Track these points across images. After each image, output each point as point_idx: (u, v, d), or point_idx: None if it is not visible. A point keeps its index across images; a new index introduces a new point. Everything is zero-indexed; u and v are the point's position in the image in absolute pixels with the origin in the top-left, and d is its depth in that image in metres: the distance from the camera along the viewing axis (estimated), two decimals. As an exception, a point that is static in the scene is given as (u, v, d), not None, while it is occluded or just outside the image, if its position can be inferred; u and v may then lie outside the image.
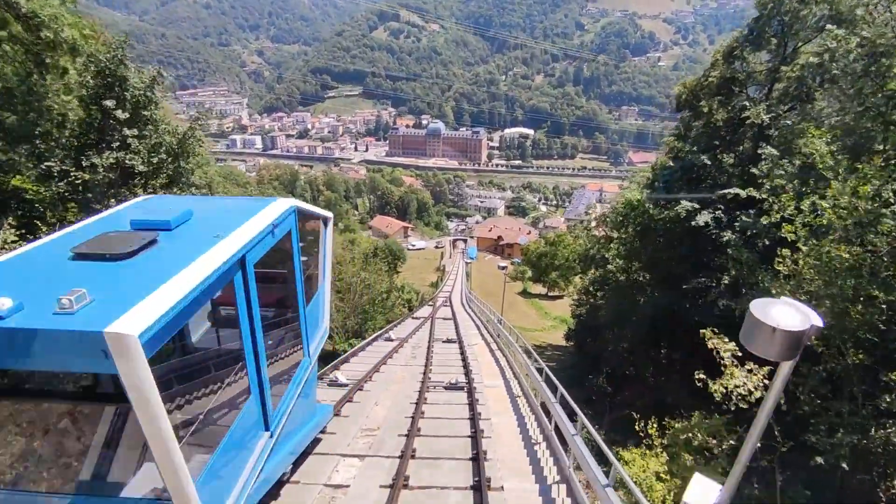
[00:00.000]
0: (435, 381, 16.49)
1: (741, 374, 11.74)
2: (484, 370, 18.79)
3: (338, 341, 26.11)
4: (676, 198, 20.13)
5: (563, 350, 41.71)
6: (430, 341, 23.87)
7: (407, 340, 24.87)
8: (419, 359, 20.54)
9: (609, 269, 27.14)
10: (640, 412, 24.81)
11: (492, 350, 23.69)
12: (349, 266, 30.17)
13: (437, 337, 26.01)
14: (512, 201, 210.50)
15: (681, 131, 23.78)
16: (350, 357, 20.21)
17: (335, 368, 17.20)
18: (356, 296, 29.24)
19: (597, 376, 28.25)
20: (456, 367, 18.99)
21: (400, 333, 27.12)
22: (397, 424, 11.92)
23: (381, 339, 25.25)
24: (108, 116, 14.24)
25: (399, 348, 22.75)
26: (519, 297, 72.77)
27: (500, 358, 21.67)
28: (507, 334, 22.18)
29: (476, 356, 21.36)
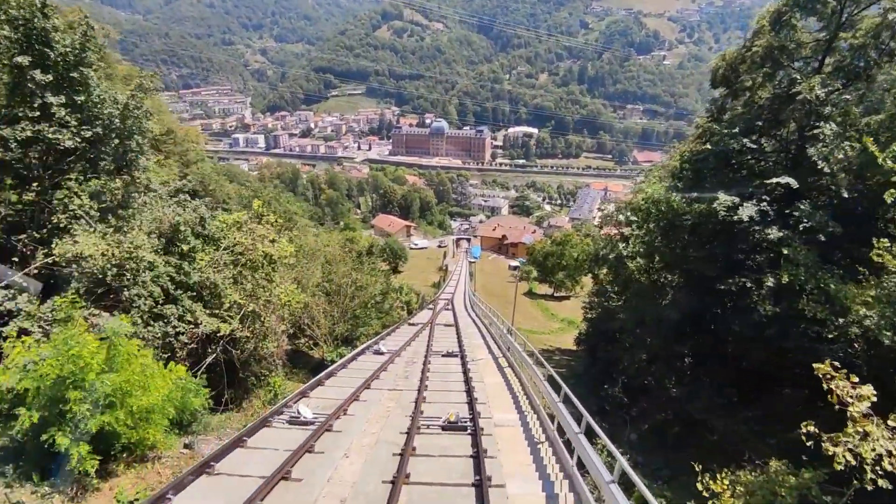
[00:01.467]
0: (429, 414, 12.77)
1: (881, 433, 8.04)
2: (492, 398, 15.07)
3: (326, 350, 23.21)
4: (700, 197, 17.49)
5: (572, 354, 39.20)
6: (427, 355, 20.34)
7: (399, 354, 21.24)
8: (412, 379, 17.01)
9: (628, 268, 24.24)
10: (664, 427, 22.69)
11: (500, 367, 19.95)
12: (339, 265, 26.83)
13: (436, 349, 22.27)
14: (516, 200, 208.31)
15: (713, 113, 20.81)
16: (325, 379, 16.19)
17: (303, 396, 13.89)
18: (346, 299, 25.61)
19: (612, 385, 25.67)
20: (457, 392, 15.51)
21: (392, 344, 23.57)
22: (370, 498, 8.57)
23: (370, 352, 21.54)
24: (25, 78, 11.71)
25: (389, 364, 19.17)
26: (525, 297, 70.26)
27: (512, 378, 17.99)
28: (519, 350, 18.62)
29: (482, 376, 17.93)
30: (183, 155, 63.06)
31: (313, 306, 22.73)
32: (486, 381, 17.09)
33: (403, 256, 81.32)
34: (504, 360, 20.92)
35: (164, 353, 12.53)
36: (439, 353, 21.60)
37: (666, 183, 22.06)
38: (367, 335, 27.29)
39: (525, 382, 16.58)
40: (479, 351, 23.38)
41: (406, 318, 37.62)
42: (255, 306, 14.74)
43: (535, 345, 42.16)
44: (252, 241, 15.00)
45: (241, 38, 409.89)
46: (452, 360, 20.71)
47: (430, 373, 17.75)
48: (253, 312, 14.79)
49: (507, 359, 20.92)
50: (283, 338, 18.00)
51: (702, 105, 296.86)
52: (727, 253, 18.04)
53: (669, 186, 20.97)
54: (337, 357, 21.42)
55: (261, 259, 15.16)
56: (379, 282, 31.19)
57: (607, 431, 9.50)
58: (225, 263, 14.55)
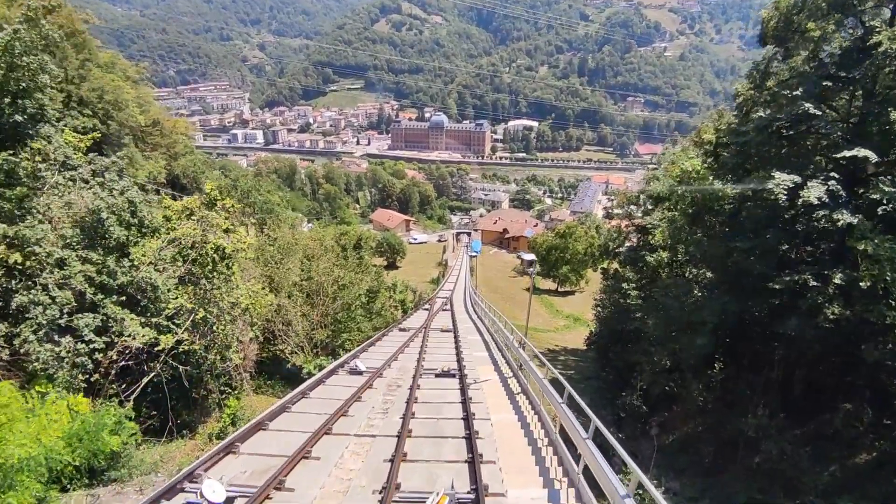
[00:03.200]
0: (411, 488, 8.61)
1: None
2: (505, 452, 10.54)
3: (305, 361, 19.55)
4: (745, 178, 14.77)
5: (580, 355, 36.70)
6: (417, 375, 15.96)
7: (382, 373, 16.63)
8: (392, 417, 12.52)
9: (647, 263, 21.53)
10: (697, 444, 20.15)
11: (511, 394, 15.19)
12: (319, 261, 22.79)
13: (429, 366, 17.78)
14: (516, 194, 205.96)
15: (755, 78, 17.50)
16: (269, 420, 11.54)
17: (229, 451, 9.68)
18: (326, 300, 21.75)
19: (629, 392, 23.11)
20: (453, 439, 11.07)
21: (375, 359, 18.90)
22: None
23: (345, 370, 17.13)
24: None
25: (365, 390, 14.60)
26: (527, 293, 67.67)
27: (529, 415, 13.15)
28: (540, 378, 13.50)
29: (488, 409, 13.38)
30: (170, 147, 60.72)
31: (289, 309, 19.54)
32: (493, 420, 12.48)
33: (401, 251, 78.80)
34: (515, 383, 16.49)
35: (78, 377, 10.02)
36: (432, 372, 17.06)
37: (697, 161, 19.22)
38: (355, 341, 23.38)
39: (548, 424, 11.83)
40: (483, 368, 18.69)
41: (398, 320, 33.56)
42: (206, 312, 12.09)
43: (540, 344, 39.70)
44: (203, 232, 12.41)
45: (239, 33, 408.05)
46: (448, 382, 16.16)
47: (417, 404, 13.49)
48: (205, 319, 12.18)
49: (519, 381, 16.40)
50: (252, 347, 15.57)
51: (703, 97, 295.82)
52: (779, 244, 15.27)
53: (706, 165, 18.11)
54: (315, 369, 18.19)
55: (211, 253, 12.46)
56: (365, 280, 27.05)
57: (624, 444, 7.77)
58: (171, 259, 11.98)
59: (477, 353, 21.42)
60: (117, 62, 57.99)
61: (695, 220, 18.32)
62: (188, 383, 12.00)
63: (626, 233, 33.47)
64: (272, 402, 14.27)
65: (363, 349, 20.08)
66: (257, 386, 17.83)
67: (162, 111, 68.45)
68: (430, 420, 12.31)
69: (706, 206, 17.45)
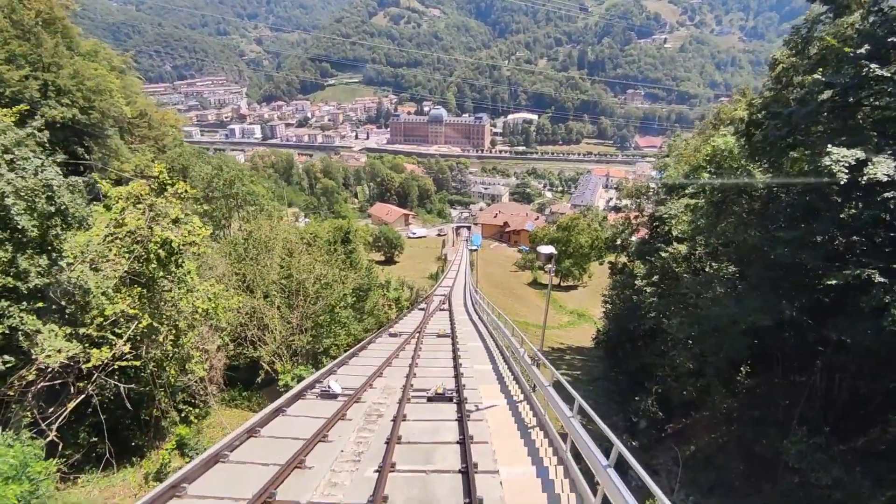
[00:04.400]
0: None
1: None
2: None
3: (282, 370, 16.68)
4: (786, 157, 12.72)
5: (587, 353, 34.83)
6: (404, 399, 12.77)
7: (360, 397, 13.14)
8: (365, 468, 9.25)
9: (663, 255, 19.59)
10: (719, 454, 18.38)
11: (524, 427, 12.05)
12: (301, 257, 19.77)
13: (420, 385, 14.24)
14: (516, 188, 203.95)
15: (797, 44, 14.96)
16: (186, 482, 7.93)
17: None
18: (307, 301, 18.75)
19: (644, 397, 21.25)
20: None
21: (354, 375, 15.44)
22: None
23: (314, 394, 13.46)
24: None
25: (335, 423, 11.26)
26: (529, 288, 65.95)
27: (552, 466, 9.96)
28: (566, 415, 9.54)
29: (495, 454, 10.00)
30: (158, 140, 58.81)
31: (265, 312, 17.11)
32: (503, 476, 9.04)
33: (399, 246, 76.89)
34: (528, 410, 13.14)
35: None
36: (423, 394, 13.51)
37: (731, 139, 17.06)
38: (342, 346, 20.57)
39: (583, 488, 8.49)
40: (487, 387, 15.18)
41: (391, 321, 30.62)
42: (154, 319, 10.11)
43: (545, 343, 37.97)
44: (149, 222, 10.45)
45: (236, 27, 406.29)
46: (443, 409, 12.51)
47: (401, 445, 10.16)
48: (151, 328, 10.22)
49: (533, 408, 13.02)
50: (219, 356, 13.68)
51: (704, 88, 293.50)
52: (830, 233, 13.09)
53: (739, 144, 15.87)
54: (293, 380, 15.70)
55: (155, 249, 10.34)
56: (352, 277, 23.51)
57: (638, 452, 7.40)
58: (112, 256, 10.04)
59: (479, 366, 17.94)
60: (100, 51, 56.20)
61: (720, 208, 16.33)
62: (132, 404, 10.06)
63: (634, 225, 31.67)
64: (246, 418, 12.47)
65: (343, 361, 16.84)
66: (230, 398, 15.91)
67: (150, 102, 66.57)
68: (417, 475, 8.91)
69: (737, 191, 15.52)
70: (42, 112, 39.59)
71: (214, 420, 12.77)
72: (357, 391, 13.23)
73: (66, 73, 42.07)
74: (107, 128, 45.90)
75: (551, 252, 12.68)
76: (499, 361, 19.01)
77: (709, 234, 16.57)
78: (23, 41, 41.01)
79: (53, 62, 42.29)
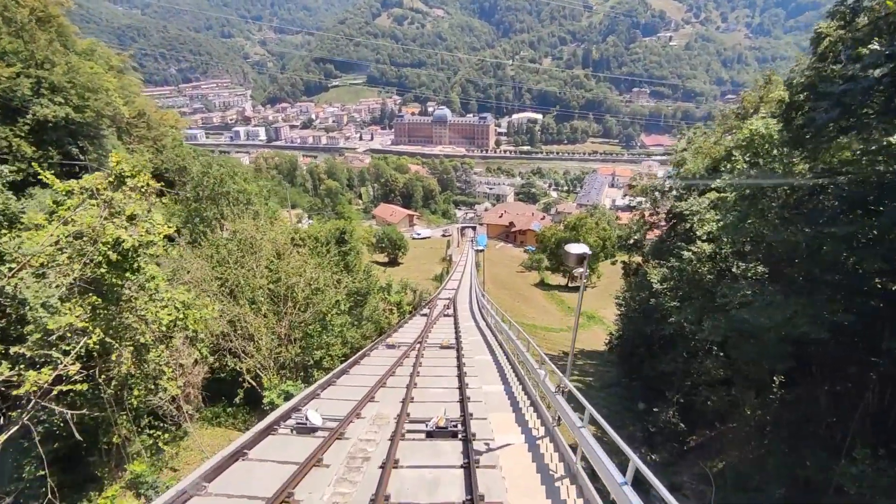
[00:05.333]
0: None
1: None
2: None
3: (268, 385, 14.47)
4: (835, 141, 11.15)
5: (599, 358, 33.36)
6: (398, 434, 10.43)
7: (343, 431, 10.79)
8: None
9: (684, 255, 18.09)
10: (751, 471, 16.85)
11: (548, 479, 9.36)
12: (289, 259, 17.58)
13: (418, 416, 11.57)
14: (521, 188, 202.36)
15: (844, 14, 13.17)
16: None
17: None
18: (295, 308, 16.77)
19: (663, 406, 19.78)
20: None
21: (340, 400, 12.80)
22: None
23: (289, 426, 10.90)
24: None
25: (308, 471, 9.14)
26: (536, 289, 64.49)
27: None
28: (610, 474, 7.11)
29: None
30: (157, 140, 57.63)
31: (250, 320, 15.21)
32: None
33: (403, 247, 75.39)
34: (552, 451, 10.57)
35: None
36: (423, 426, 10.95)
37: (771, 121, 15.39)
38: (336, 357, 18.24)
39: None
40: (499, 417, 12.30)
41: (392, 326, 28.18)
42: (106, 333, 8.72)
43: (554, 346, 36.48)
44: (102, 220, 9.02)
45: (241, 30, 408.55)
46: (445, 449, 10.20)
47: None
48: (104, 343, 8.82)
49: (559, 449, 10.46)
50: (197, 370, 12.32)
51: (710, 86, 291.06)
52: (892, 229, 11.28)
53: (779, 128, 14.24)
54: (279, 398, 13.64)
55: (104, 250, 8.67)
56: (346, 280, 21.05)
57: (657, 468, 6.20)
58: (64, 259, 8.62)
59: (488, 387, 15.14)
60: (97, 49, 55.16)
61: (753, 202, 14.76)
62: (90, 430, 8.75)
63: (649, 223, 30.21)
64: (230, 438, 11.14)
65: (329, 381, 14.27)
66: (213, 416, 14.47)
67: (149, 103, 65.58)
68: None
69: (774, 182, 14.04)
70: (34, 111, 38.75)
71: (195, 441, 11.47)
72: (341, 423, 10.73)
73: (59, 70, 41.04)
74: (102, 127, 44.87)
75: (584, 252, 9.81)
76: (511, 380, 16.14)
77: (737, 231, 15.06)
78: (15, 38, 40.19)
79: (47, 59, 41.31)
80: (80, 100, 41.13)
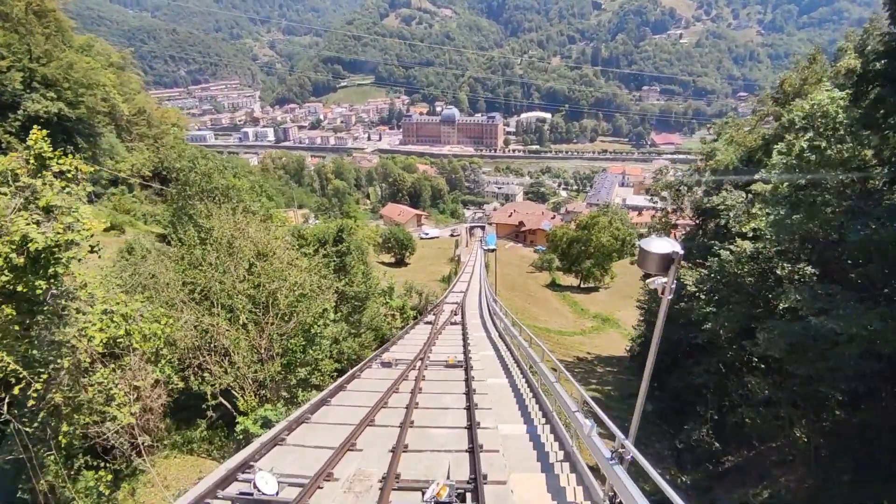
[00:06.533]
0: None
1: None
2: None
3: (244, 407, 12.44)
4: None
5: (616, 364, 31.38)
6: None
7: (311, 493, 7.33)
8: None
9: (722, 255, 16.00)
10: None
11: None
12: (272, 260, 14.96)
13: (413, 474, 8.28)
14: (530, 187, 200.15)
15: None
16: None
17: None
18: (280, 318, 14.19)
19: (696, 424, 17.83)
20: None
21: (308, 448, 9.47)
22: None
23: (229, 497, 7.10)
24: None
25: None
26: (548, 290, 62.43)
27: None
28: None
29: None
30: (158, 138, 56.33)
31: (223, 331, 12.77)
32: None
33: (411, 247, 73.48)
34: None
35: None
36: (418, 496, 7.60)
37: (837, 94, 13.19)
38: (327, 374, 15.34)
39: None
40: (526, 485, 8.80)
41: (395, 336, 24.71)
42: (9, 355, 6.94)
43: (569, 351, 34.53)
44: (13, 213, 7.13)
45: (249, 31, 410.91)
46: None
47: None
48: (13, 369, 7.03)
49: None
50: (157, 392, 10.49)
51: (722, 84, 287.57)
52: None
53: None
54: (258, 425, 11.28)
55: (8, 252, 6.75)
56: (336, 285, 18.55)
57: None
58: None
59: (508, 429, 11.53)
60: (95, 44, 53.96)
61: (808, 195, 12.70)
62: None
63: (673, 220, 28.20)
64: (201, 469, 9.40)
65: (302, 417, 10.68)
66: (185, 441, 12.60)
67: (150, 100, 64.29)
68: None
69: (842, 170, 12.01)
70: (25, 106, 37.41)
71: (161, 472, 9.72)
72: (303, 492, 7.11)
73: (54, 64, 39.74)
74: (97, 124, 43.59)
75: (675, 252, 6.13)
76: (534, 416, 12.65)
77: (793, 228, 12.89)
78: (10, 32, 38.92)
79: (45, 53, 39.93)
80: (73, 95, 39.90)
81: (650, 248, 6.30)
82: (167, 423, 12.27)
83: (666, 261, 6.26)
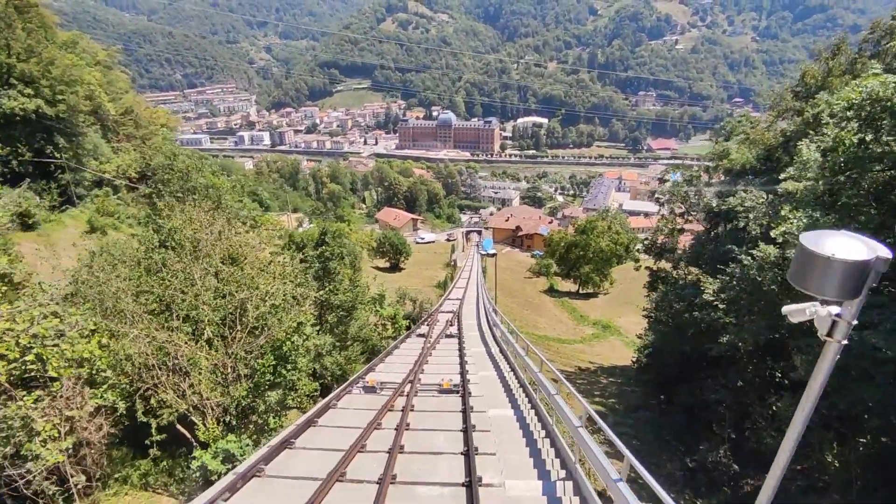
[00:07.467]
0: None
1: None
2: None
3: (204, 436, 10.88)
4: None
5: (619, 374, 29.94)
6: None
7: None
8: None
9: (745, 263, 14.49)
10: None
11: None
12: (243, 267, 13.28)
13: None
14: (527, 192, 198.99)
15: None
16: None
17: None
18: (246, 332, 12.40)
19: (712, 443, 16.42)
20: None
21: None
22: None
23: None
24: None
25: None
26: (546, 296, 61.04)
27: None
28: None
29: None
30: (146, 139, 54.62)
31: (179, 349, 10.98)
32: None
33: (406, 252, 72.12)
34: None
35: None
36: None
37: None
38: (304, 397, 13.42)
39: None
40: None
41: (385, 351, 21.39)
42: None
43: (569, 360, 33.14)
44: None
45: (246, 35, 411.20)
46: None
47: None
48: None
49: None
50: (98, 422, 8.97)
51: (717, 89, 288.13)
52: None
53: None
54: (216, 460, 9.32)
55: None
56: (313, 295, 16.15)
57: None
58: None
59: (517, 486, 8.73)
60: (80, 42, 52.42)
61: (833, 195, 11.29)
62: None
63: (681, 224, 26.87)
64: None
65: (253, 468, 8.18)
66: (143, 473, 10.91)
67: (138, 100, 62.64)
68: None
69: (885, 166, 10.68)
70: (0, 103, 35.86)
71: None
72: None
73: (33, 60, 38.18)
74: (79, 123, 41.98)
75: (879, 257, 2.73)
76: (551, 463, 9.91)
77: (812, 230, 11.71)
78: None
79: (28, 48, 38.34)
80: (51, 93, 38.32)
81: (822, 250, 2.82)
82: (120, 452, 10.72)
83: (859, 274, 2.79)
